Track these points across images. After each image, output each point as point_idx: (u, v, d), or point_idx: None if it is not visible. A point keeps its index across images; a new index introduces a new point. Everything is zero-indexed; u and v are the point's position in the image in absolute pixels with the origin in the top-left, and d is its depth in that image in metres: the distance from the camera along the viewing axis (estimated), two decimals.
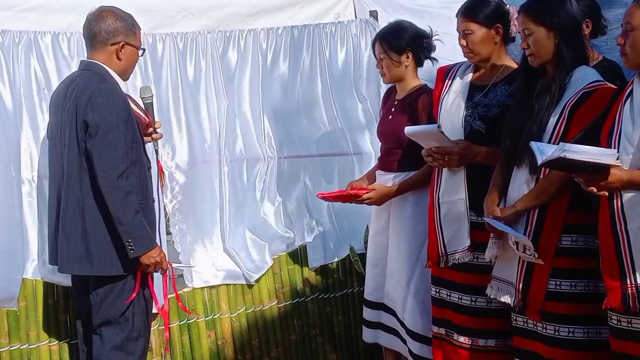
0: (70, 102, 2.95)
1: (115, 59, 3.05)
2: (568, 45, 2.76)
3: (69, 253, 2.95)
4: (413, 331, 3.37)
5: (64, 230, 2.95)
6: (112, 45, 3.03)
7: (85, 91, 2.90)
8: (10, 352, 3.26)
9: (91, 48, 3.06)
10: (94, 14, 3.05)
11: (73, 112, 2.92)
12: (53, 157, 3.07)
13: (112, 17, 3.03)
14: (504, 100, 3.05)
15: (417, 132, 3.11)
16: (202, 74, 3.81)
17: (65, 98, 2.99)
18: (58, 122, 3.02)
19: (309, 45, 4.03)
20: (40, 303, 3.34)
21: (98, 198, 2.89)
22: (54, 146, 3.05)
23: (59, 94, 3.07)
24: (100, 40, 3.02)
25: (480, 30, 3.08)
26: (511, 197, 2.87)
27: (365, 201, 3.44)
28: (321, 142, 4.09)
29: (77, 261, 2.95)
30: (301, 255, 3.98)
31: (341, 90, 4.12)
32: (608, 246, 2.48)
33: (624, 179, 2.39)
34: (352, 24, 4.17)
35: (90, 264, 2.93)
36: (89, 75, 2.99)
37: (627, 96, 2.52)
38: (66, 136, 2.96)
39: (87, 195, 2.91)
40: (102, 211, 2.90)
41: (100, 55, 3.04)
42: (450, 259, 3.12)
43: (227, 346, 3.75)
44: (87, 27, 3.05)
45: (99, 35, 3.02)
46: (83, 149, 2.89)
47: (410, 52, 3.42)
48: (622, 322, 2.48)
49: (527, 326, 2.85)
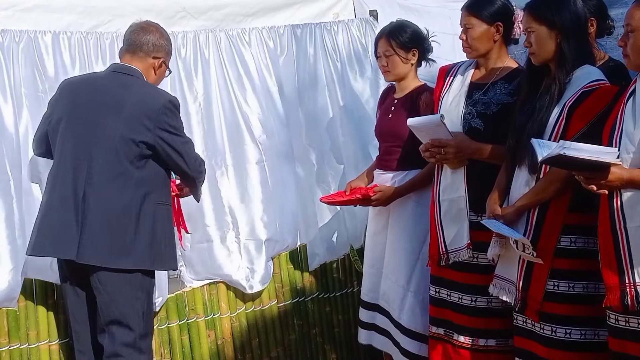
0: (119, 103, 3.02)
1: (152, 72, 3.19)
2: (570, 44, 2.76)
3: (95, 244, 2.95)
4: (411, 330, 3.37)
5: (90, 221, 2.95)
6: (153, 59, 3.17)
7: (158, 98, 3.07)
8: (10, 351, 3.26)
9: (132, 55, 3.16)
10: (143, 25, 3.19)
11: (133, 112, 3.00)
12: (68, 149, 3.04)
13: (159, 34, 3.20)
14: (502, 99, 3.06)
15: (420, 122, 3.11)
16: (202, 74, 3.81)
17: (105, 94, 3.05)
18: (88, 115, 3.03)
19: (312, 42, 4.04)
20: (40, 303, 3.34)
21: (137, 196, 2.99)
22: (74, 137, 3.04)
23: (92, 88, 3.10)
24: (145, 50, 3.15)
25: (480, 26, 3.09)
26: (513, 197, 2.88)
27: (372, 203, 3.45)
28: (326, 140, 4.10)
29: (108, 252, 2.96)
30: (301, 255, 3.98)
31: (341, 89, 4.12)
32: (607, 245, 2.48)
33: (624, 177, 2.40)
34: (352, 23, 4.17)
35: (124, 256, 2.97)
36: (143, 83, 3.13)
37: (630, 95, 2.52)
38: (106, 132, 2.99)
39: (128, 191, 2.98)
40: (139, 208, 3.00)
41: (139, 64, 3.15)
42: (451, 257, 3.12)
43: (227, 346, 3.75)
44: (134, 34, 3.16)
45: (145, 46, 3.15)
46: (142, 146, 3.00)
47: (417, 50, 3.44)
48: (620, 321, 2.48)
49: (526, 326, 2.85)
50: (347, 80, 4.11)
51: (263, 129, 3.86)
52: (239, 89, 3.83)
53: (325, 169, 4.08)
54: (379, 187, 3.46)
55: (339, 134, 4.08)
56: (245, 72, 3.85)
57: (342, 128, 4.09)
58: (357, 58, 4.14)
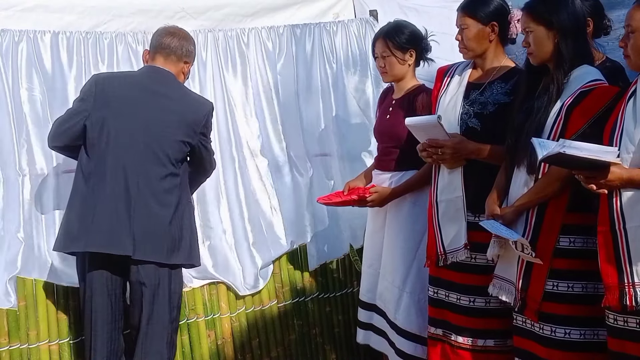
0: (172, 105, 3.17)
1: (182, 76, 3.33)
2: (568, 44, 2.76)
3: (151, 240, 3.06)
4: (407, 331, 3.37)
5: (143, 217, 3.06)
6: (184, 64, 3.31)
7: (206, 104, 3.31)
8: (10, 351, 3.26)
9: (165, 58, 3.26)
10: (174, 31, 3.30)
11: (182, 114, 3.17)
12: (118, 145, 3.09)
13: (190, 40, 3.35)
14: (499, 99, 3.06)
15: (417, 122, 3.11)
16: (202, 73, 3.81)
17: (155, 95, 3.17)
18: (139, 114, 3.12)
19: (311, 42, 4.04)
20: (41, 303, 3.34)
21: (180, 194, 3.16)
22: (124, 134, 3.10)
23: (139, 88, 3.18)
24: (179, 54, 3.27)
25: (475, 27, 3.09)
26: (512, 198, 2.87)
27: (368, 204, 3.46)
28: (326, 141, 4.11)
29: (163, 249, 3.08)
30: (301, 255, 3.98)
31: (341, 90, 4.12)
32: (606, 245, 2.48)
33: (623, 177, 2.40)
34: (351, 23, 4.17)
35: (175, 251, 3.12)
36: (185, 88, 3.33)
37: (631, 95, 2.52)
38: (159, 132, 3.12)
39: (176, 190, 3.14)
40: (183, 206, 3.18)
41: (172, 67, 3.28)
42: (449, 258, 3.12)
43: (227, 346, 3.75)
44: (168, 39, 3.26)
45: (179, 50, 3.27)
46: (187, 148, 3.20)
47: (414, 50, 3.44)
48: (619, 321, 2.48)
49: (525, 326, 2.85)
50: (346, 81, 4.11)
51: (261, 130, 3.86)
52: (236, 89, 3.84)
53: (325, 169, 4.08)
54: (375, 187, 3.46)
55: (338, 134, 4.08)
56: (243, 72, 3.85)
57: (342, 128, 4.09)
58: (356, 58, 4.14)
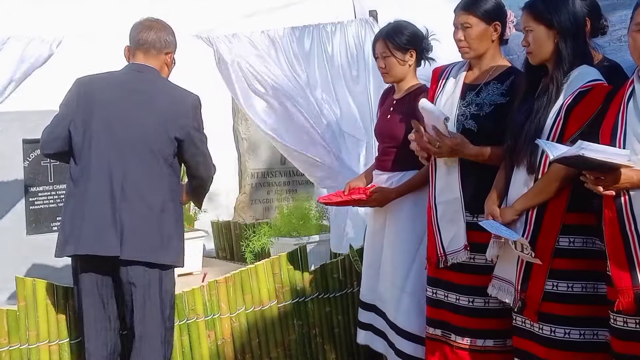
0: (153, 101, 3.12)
1: (166, 68, 3.28)
2: (568, 44, 2.76)
3: (139, 239, 3.05)
4: (407, 331, 3.36)
5: (131, 217, 3.04)
6: (165, 54, 3.26)
7: (188, 97, 3.21)
8: (10, 352, 3.26)
9: (145, 53, 3.22)
10: (148, 24, 3.24)
11: (165, 109, 3.11)
12: (101, 147, 3.08)
13: (168, 29, 3.27)
14: (495, 99, 3.06)
15: (430, 108, 3.08)
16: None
17: (136, 93, 3.14)
18: (121, 113, 3.10)
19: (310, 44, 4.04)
20: (40, 303, 3.34)
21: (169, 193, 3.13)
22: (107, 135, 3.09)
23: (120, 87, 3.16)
24: (158, 47, 3.22)
25: (479, 25, 3.08)
26: (511, 198, 2.87)
27: (369, 203, 3.45)
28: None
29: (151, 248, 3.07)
30: (301, 255, 3.98)
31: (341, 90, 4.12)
32: (617, 247, 2.45)
33: (634, 179, 2.39)
34: (351, 24, 4.17)
35: (164, 251, 3.10)
36: (167, 82, 3.24)
37: (630, 95, 2.51)
38: (142, 130, 3.08)
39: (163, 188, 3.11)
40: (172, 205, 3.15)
41: (154, 62, 3.22)
42: (449, 259, 3.12)
43: (227, 346, 3.75)
44: (144, 33, 3.21)
45: (157, 43, 3.22)
46: (174, 143, 3.13)
47: (414, 51, 3.44)
48: (630, 323, 2.45)
49: (525, 326, 2.85)
50: (346, 81, 4.12)
51: (260, 130, 3.86)
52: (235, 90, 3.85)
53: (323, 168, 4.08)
54: (375, 188, 3.46)
55: (338, 133, 4.08)
56: (242, 72, 3.86)
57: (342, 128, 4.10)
58: (355, 59, 4.14)
